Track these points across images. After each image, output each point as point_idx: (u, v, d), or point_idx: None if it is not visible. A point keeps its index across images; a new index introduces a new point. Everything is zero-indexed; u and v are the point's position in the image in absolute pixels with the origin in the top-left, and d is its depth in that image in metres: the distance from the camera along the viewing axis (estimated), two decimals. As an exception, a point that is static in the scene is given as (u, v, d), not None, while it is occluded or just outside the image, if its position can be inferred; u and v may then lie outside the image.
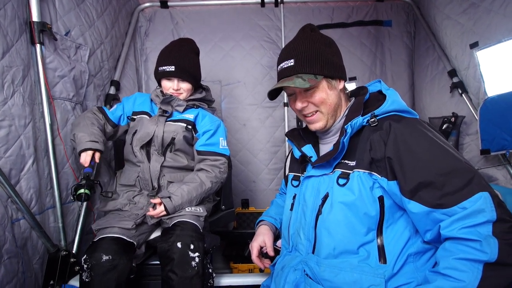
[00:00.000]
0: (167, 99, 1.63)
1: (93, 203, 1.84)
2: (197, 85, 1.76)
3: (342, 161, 1.03)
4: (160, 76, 1.66)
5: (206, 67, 2.56)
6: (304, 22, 2.64)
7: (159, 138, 1.59)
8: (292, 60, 1.06)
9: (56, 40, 1.58)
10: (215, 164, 1.63)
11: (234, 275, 1.66)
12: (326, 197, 1.02)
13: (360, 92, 1.15)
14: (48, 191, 1.53)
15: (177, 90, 1.64)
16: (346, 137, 0.99)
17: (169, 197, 1.47)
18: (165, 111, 1.64)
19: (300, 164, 1.21)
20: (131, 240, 1.41)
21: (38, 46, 1.46)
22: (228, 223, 2.40)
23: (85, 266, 1.28)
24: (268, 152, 2.74)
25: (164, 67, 1.62)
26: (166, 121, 1.64)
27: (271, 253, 1.24)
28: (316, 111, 1.09)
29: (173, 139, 1.61)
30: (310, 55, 1.06)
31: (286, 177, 1.35)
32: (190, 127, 1.65)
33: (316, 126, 1.11)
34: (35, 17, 1.45)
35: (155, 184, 1.59)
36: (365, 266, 0.92)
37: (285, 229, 1.17)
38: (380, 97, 1.07)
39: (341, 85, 1.12)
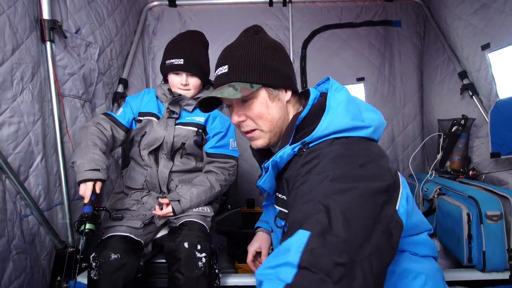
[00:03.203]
0: (176, 99, 1.56)
1: (101, 202, 1.85)
2: (205, 81, 1.65)
3: (279, 194, 0.93)
4: (167, 70, 1.54)
5: (213, 66, 2.55)
6: (312, 21, 2.68)
7: (169, 144, 1.54)
8: (226, 66, 0.92)
9: (66, 38, 1.59)
10: (224, 167, 1.60)
11: (240, 275, 1.66)
12: (283, 233, 0.93)
13: (302, 102, 0.99)
14: (57, 188, 1.55)
15: (185, 85, 1.54)
16: (263, 180, 0.90)
17: (178, 201, 1.46)
18: (172, 112, 1.57)
19: None
20: (139, 239, 1.41)
21: (48, 43, 1.47)
22: (234, 222, 2.39)
23: (94, 264, 1.28)
24: (274, 152, 2.72)
25: (172, 60, 1.51)
26: (175, 124, 1.57)
27: (264, 258, 1.23)
28: (255, 129, 0.94)
29: (183, 144, 1.56)
30: (247, 61, 0.90)
31: None
32: (200, 131, 1.59)
33: (256, 144, 0.97)
34: (45, 15, 1.46)
35: (164, 189, 1.58)
36: None
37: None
38: (322, 110, 0.86)
39: (287, 95, 0.95)
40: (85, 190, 1.27)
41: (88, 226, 1.22)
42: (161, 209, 1.47)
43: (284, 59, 0.97)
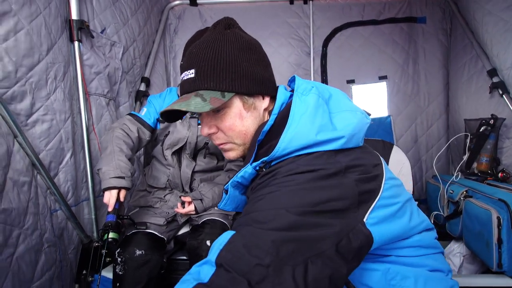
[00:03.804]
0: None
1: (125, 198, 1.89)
2: None
3: None
4: None
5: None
6: (333, 19, 2.65)
7: (192, 144, 1.55)
8: (193, 71, 0.78)
9: (93, 38, 1.63)
10: None
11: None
12: None
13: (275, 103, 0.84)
14: (83, 184, 1.59)
15: None
16: (223, 203, 0.85)
17: (201, 199, 1.47)
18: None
19: None
20: (162, 236, 1.44)
21: (76, 43, 1.50)
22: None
23: (119, 259, 1.31)
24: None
25: None
26: (198, 124, 1.57)
27: None
28: (228, 142, 0.84)
29: (206, 143, 1.57)
30: (217, 64, 0.77)
31: None
32: None
33: (229, 155, 0.87)
34: (74, 15, 1.49)
35: (187, 189, 1.60)
36: None
37: None
38: (285, 123, 0.73)
39: (265, 103, 0.84)
40: (110, 198, 1.25)
41: (111, 235, 1.22)
42: (183, 207, 1.49)
43: (262, 60, 0.84)
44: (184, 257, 1.59)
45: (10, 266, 1.11)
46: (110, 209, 1.26)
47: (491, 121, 1.93)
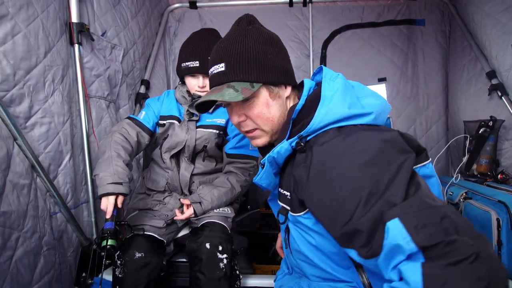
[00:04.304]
0: (196, 102, 1.55)
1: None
2: None
3: (281, 190, 0.89)
4: (183, 72, 1.52)
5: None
6: (333, 21, 2.65)
7: (191, 147, 1.54)
8: (223, 64, 0.87)
9: (93, 41, 1.64)
10: (245, 167, 1.58)
11: (259, 276, 1.65)
12: (288, 230, 0.92)
13: (299, 95, 0.93)
14: (83, 186, 1.59)
15: (202, 87, 1.50)
16: (259, 177, 0.87)
17: (200, 202, 1.47)
18: (192, 114, 1.55)
19: None
20: (162, 238, 1.44)
21: (76, 46, 1.51)
22: (254, 223, 2.40)
23: (119, 262, 1.31)
24: (293, 153, 2.71)
25: (187, 63, 1.47)
26: (197, 127, 1.55)
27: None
28: (256, 128, 0.91)
29: (205, 146, 1.56)
30: (245, 58, 0.85)
31: None
32: (221, 132, 1.57)
33: (257, 143, 0.94)
34: (74, 18, 1.50)
35: (186, 191, 1.59)
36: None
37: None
38: (317, 100, 0.82)
39: (287, 91, 0.92)
40: (107, 205, 1.23)
41: (110, 242, 1.19)
42: (182, 212, 1.47)
43: (282, 52, 0.93)
44: (184, 260, 1.58)
45: (9, 269, 1.11)
46: (108, 216, 1.23)
47: (490, 123, 1.93)
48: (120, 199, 1.27)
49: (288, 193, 0.85)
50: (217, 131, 1.56)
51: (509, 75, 1.88)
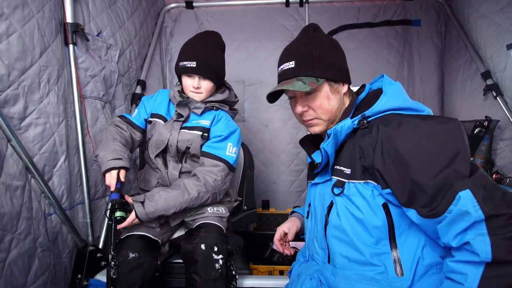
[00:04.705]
0: (184, 102, 1.53)
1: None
2: (220, 83, 1.62)
3: (337, 167, 0.98)
4: (180, 71, 1.53)
5: (230, 67, 2.53)
6: (329, 22, 2.65)
7: (174, 147, 1.52)
8: (293, 62, 1.02)
9: (88, 41, 1.63)
10: (211, 171, 1.46)
11: (255, 276, 1.65)
12: (331, 206, 0.99)
13: (359, 91, 1.08)
14: (78, 187, 1.58)
15: (197, 88, 1.51)
16: (326, 143, 0.96)
17: (142, 202, 1.35)
18: (181, 115, 1.54)
19: (311, 171, 1.16)
20: (156, 238, 1.43)
21: (71, 46, 1.50)
22: (250, 223, 2.40)
23: (113, 263, 1.30)
24: (290, 153, 2.71)
25: (184, 62, 1.49)
26: (181, 128, 1.54)
27: (290, 238, 1.26)
28: (315, 118, 1.04)
29: (187, 147, 1.53)
30: (312, 57, 1.00)
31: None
32: (206, 134, 1.54)
33: (315, 129, 1.07)
34: (69, 18, 1.49)
35: None
36: (382, 279, 0.87)
37: (305, 236, 1.16)
38: (379, 94, 0.97)
39: (344, 88, 1.06)
40: (110, 179, 1.32)
41: (119, 213, 1.29)
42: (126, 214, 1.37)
43: (342, 54, 1.08)
44: (180, 261, 1.58)
45: (2, 271, 1.11)
46: (112, 189, 1.31)
47: (485, 123, 1.94)
48: (122, 172, 1.35)
49: (346, 168, 0.95)
50: (201, 133, 1.53)
51: (503, 76, 1.90)
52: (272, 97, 1.12)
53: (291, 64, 1.02)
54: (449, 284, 0.75)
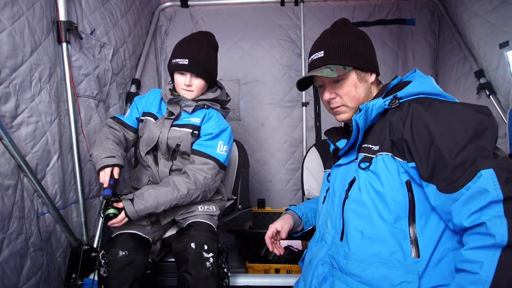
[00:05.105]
0: (174, 99, 1.54)
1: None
2: (212, 83, 1.64)
3: (365, 145, 1.01)
4: (172, 69, 1.54)
5: (226, 65, 2.56)
6: (324, 21, 2.66)
7: (164, 144, 1.52)
8: (322, 52, 1.06)
9: (81, 39, 1.62)
10: (201, 168, 1.46)
11: (250, 275, 1.66)
12: (352, 181, 1.01)
13: (382, 85, 1.13)
14: (72, 186, 1.57)
15: (188, 86, 1.52)
16: (359, 115, 0.98)
17: (131, 200, 1.34)
18: (172, 113, 1.55)
19: (334, 158, 1.20)
20: (147, 236, 1.43)
21: (64, 44, 1.49)
22: (245, 222, 2.40)
23: (103, 261, 1.30)
24: (285, 152, 2.72)
25: (177, 60, 1.50)
26: (172, 125, 1.54)
27: (283, 236, 1.25)
28: (342, 105, 1.09)
29: (178, 145, 1.53)
30: (340, 47, 1.05)
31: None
32: (196, 132, 1.53)
33: (342, 117, 1.11)
34: (62, 16, 1.48)
35: None
36: (396, 261, 0.86)
37: (317, 222, 1.17)
38: (409, 82, 1.02)
39: (372, 78, 1.10)
40: (104, 177, 1.34)
41: (111, 210, 1.30)
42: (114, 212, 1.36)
43: (370, 46, 1.12)
44: (173, 260, 1.58)
45: (-6, 271, 1.10)
46: (105, 185, 1.33)
47: (479, 122, 1.96)
48: (116, 170, 1.38)
49: (374, 146, 0.98)
50: (191, 130, 1.53)
51: (496, 74, 1.91)
52: (303, 86, 1.18)
53: (320, 54, 1.07)
54: (463, 277, 0.72)
